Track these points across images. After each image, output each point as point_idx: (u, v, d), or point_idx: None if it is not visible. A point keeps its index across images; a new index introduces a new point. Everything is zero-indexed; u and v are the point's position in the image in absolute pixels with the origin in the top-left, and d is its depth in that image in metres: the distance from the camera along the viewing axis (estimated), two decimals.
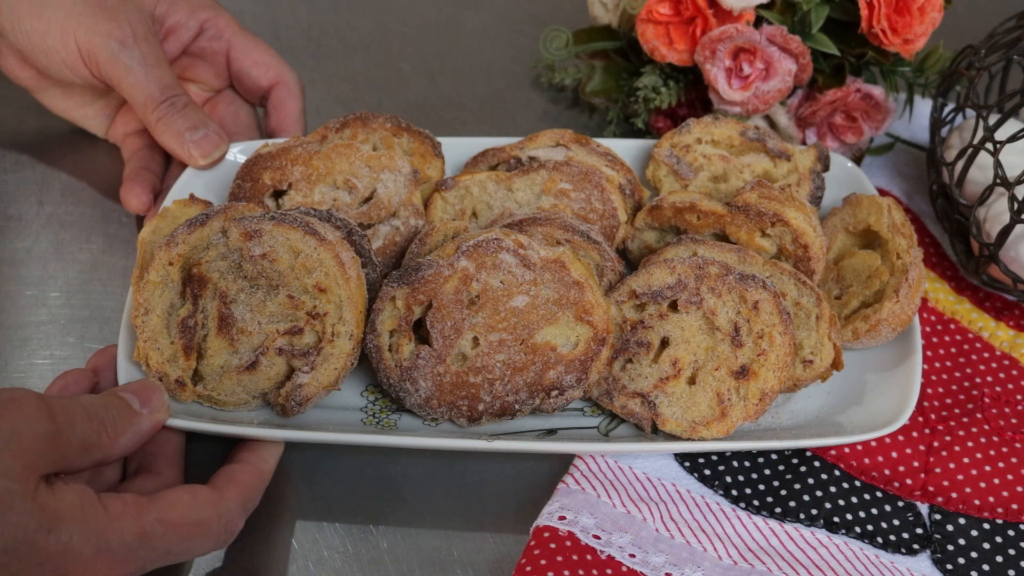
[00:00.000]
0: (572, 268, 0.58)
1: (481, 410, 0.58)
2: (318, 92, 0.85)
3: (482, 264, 0.58)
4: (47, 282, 0.70)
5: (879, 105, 0.74)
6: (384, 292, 0.59)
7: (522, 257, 0.58)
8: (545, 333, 0.58)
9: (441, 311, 0.58)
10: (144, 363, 0.58)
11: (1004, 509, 0.59)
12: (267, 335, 0.58)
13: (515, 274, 0.58)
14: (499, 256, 0.58)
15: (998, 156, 0.63)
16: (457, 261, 0.58)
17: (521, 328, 0.57)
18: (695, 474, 0.60)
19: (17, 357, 0.66)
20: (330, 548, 0.57)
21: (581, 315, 0.58)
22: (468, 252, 0.58)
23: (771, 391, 0.58)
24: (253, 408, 0.60)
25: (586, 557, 0.55)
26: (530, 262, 0.58)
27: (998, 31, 0.71)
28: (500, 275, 0.58)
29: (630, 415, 0.60)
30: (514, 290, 0.58)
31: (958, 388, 0.65)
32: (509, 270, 0.58)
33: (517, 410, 0.58)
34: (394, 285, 0.59)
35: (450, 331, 0.58)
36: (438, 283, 0.58)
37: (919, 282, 0.63)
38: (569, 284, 0.58)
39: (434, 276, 0.58)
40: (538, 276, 0.58)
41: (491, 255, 0.58)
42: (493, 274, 0.58)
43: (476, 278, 0.58)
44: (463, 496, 0.60)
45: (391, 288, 0.59)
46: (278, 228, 0.58)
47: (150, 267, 0.59)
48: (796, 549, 0.57)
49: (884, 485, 0.60)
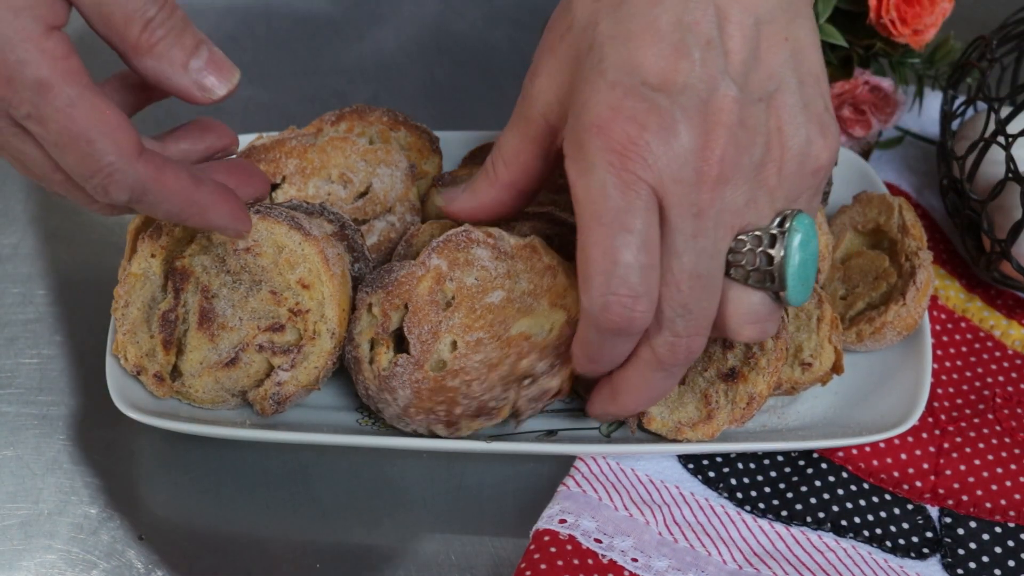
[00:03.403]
0: (544, 254, 0.57)
1: (458, 414, 0.56)
2: (313, 84, 0.85)
3: (455, 261, 0.56)
4: (34, 279, 0.70)
5: (888, 98, 0.73)
6: (360, 298, 0.58)
7: (493, 248, 0.56)
8: (520, 325, 0.56)
9: (417, 315, 0.56)
10: (123, 357, 0.58)
11: (1016, 512, 0.59)
12: (248, 331, 0.58)
13: (488, 269, 0.56)
14: (471, 251, 0.56)
15: (1010, 150, 0.62)
16: (429, 259, 0.56)
17: (498, 324, 0.55)
18: (699, 476, 0.59)
19: (4, 356, 0.65)
20: (325, 552, 0.57)
21: (556, 300, 0.56)
22: (439, 248, 0.56)
23: (759, 395, 0.58)
24: (232, 407, 0.59)
25: (587, 561, 0.54)
26: (503, 252, 0.56)
27: (1010, 21, 0.71)
28: (474, 272, 0.56)
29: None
30: (489, 286, 0.56)
31: (969, 388, 0.65)
32: (483, 265, 0.56)
33: (492, 408, 0.56)
34: (368, 290, 0.57)
35: (427, 336, 0.56)
36: (412, 284, 0.56)
37: (927, 286, 0.62)
38: (542, 270, 0.56)
39: (407, 277, 0.56)
40: (511, 267, 0.56)
41: (463, 250, 0.56)
42: (467, 271, 0.56)
43: (450, 276, 0.56)
44: (461, 498, 0.59)
45: (366, 294, 0.57)
46: (263, 222, 0.58)
47: (132, 259, 0.59)
48: (803, 553, 0.56)
49: (893, 487, 0.59)
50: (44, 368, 0.64)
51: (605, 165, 0.46)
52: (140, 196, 0.48)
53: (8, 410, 0.62)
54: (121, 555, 0.56)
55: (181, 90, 0.49)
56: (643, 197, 0.46)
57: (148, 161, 0.48)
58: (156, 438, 0.61)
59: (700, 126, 0.47)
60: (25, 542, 0.57)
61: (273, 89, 0.84)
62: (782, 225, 0.49)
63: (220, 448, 0.60)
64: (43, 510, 0.58)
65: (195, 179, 0.50)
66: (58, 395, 0.63)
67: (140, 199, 0.49)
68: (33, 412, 0.62)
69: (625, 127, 0.46)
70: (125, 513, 0.58)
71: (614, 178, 0.46)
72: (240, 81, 0.51)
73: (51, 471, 0.59)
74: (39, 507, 0.58)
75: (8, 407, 0.62)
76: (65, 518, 0.58)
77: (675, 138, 0.46)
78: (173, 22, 0.48)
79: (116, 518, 0.58)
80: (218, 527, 0.58)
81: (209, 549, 0.57)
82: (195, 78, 0.49)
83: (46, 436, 0.61)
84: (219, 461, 0.60)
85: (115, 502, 0.58)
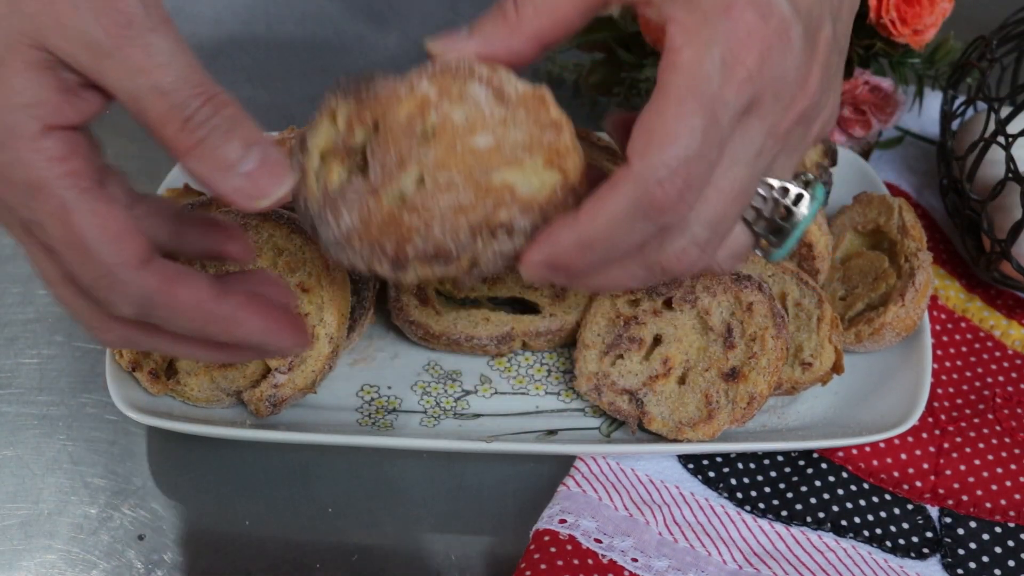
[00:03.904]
0: (552, 108, 0.49)
1: (409, 254, 0.47)
2: (312, 84, 0.84)
3: (446, 92, 0.48)
4: (34, 279, 0.69)
5: (888, 98, 0.73)
6: (325, 103, 0.49)
7: (495, 90, 0.48)
8: (504, 174, 0.48)
9: (386, 137, 0.47)
10: (118, 354, 0.58)
11: (1016, 512, 0.59)
12: None
13: (483, 110, 0.48)
14: (468, 86, 0.48)
15: (1010, 150, 0.62)
16: (419, 82, 0.48)
17: (478, 171, 0.47)
18: (699, 476, 0.59)
19: (3, 356, 0.65)
20: (325, 552, 0.57)
21: (553, 159, 0.48)
22: (433, 75, 0.48)
23: (760, 395, 0.58)
24: (226, 406, 0.59)
25: (587, 561, 0.54)
26: (505, 96, 0.48)
27: (1010, 21, 0.71)
28: (465, 109, 0.47)
29: (617, 412, 0.60)
30: (478, 127, 0.47)
31: (969, 388, 0.65)
32: (477, 105, 0.48)
33: (452, 254, 0.47)
34: (338, 96, 0.49)
35: (393, 164, 0.47)
36: (391, 104, 0.48)
37: (926, 287, 0.62)
38: (545, 124, 0.48)
39: (388, 95, 0.48)
40: (510, 115, 0.48)
41: (459, 83, 0.48)
42: (457, 106, 0.47)
43: (436, 107, 0.48)
44: (461, 498, 0.59)
45: (334, 99, 0.49)
46: (263, 224, 0.57)
47: None
48: (803, 553, 0.56)
49: (893, 487, 0.59)
50: (44, 368, 0.64)
51: (724, 49, 0.43)
52: (148, 310, 0.44)
53: (8, 410, 0.62)
54: (121, 555, 0.56)
55: (224, 196, 0.44)
56: (744, 98, 0.43)
57: (156, 271, 0.43)
58: (156, 438, 0.61)
59: (807, 54, 0.45)
60: (25, 542, 0.56)
61: (273, 89, 0.84)
62: (806, 186, 0.48)
63: (220, 448, 0.60)
64: (43, 510, 0.58)
65: (218, 291, 0.45)
66: (58, 395, 0.63)
67: (149, 313, 0.44)
68: (33, 412, 0.62)
69: (755, 22, 0.43)
70: (125, 513, 0.58)
71: (728, 67, 0.43)
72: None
73: (51, 471, 0.59)
74: (39, 507, 0.58)
75: (8, 407, 0.62)
76: (65, 518, 0.57)
77: (791, 56, 0.44)
78: (218, 120, 0.42)
79: (116, 518, 0.58)
80: (218, 527, 0.58)
81: (209, 549, 0.57)
82: (239, 184, 0.43)
83: (46, 436, 0.61)
84: (219, 461, 0.59)
85: (115, 502, 0.58)
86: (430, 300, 0.63)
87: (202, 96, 0.42)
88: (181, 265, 0.44)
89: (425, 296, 0.64)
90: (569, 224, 0.45)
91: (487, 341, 0.63)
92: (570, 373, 0.64)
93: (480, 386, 0.63)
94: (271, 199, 0.44)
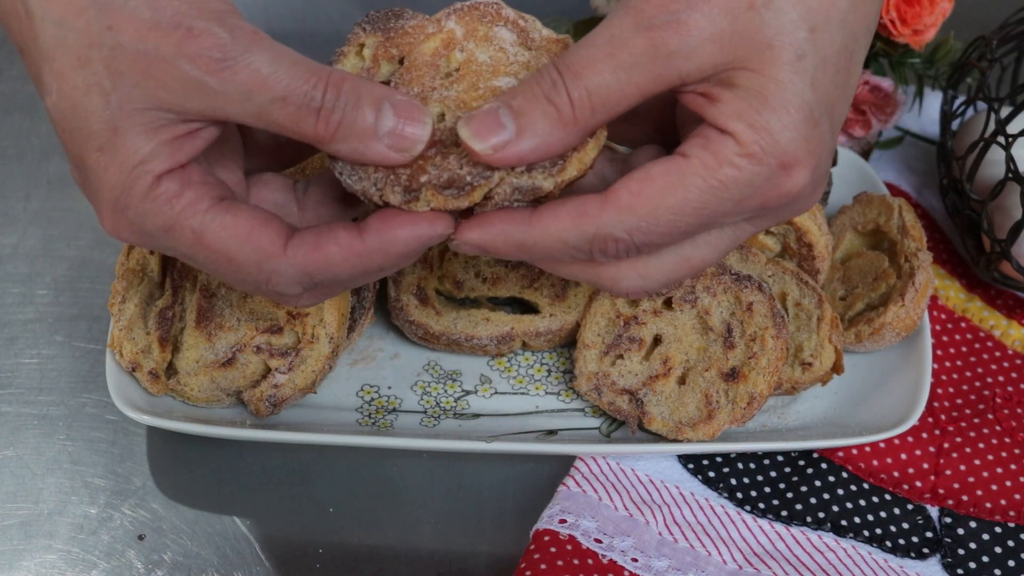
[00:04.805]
0: None
1: (423, 182, 0.46)
2: None
3: (473, 32, 0.50)
4: (34, 279, 0.69)
5: (888, 98, 0.73)
6: (352, 36, 0.50)
7: (521, 32, 0.50)
8: None
9: (411, 73, 0.49)
10: (118, 352, 0.58)
11: (1016, 512, 0.59)
12: (246, 332, 0.58)
13: (507, 51, 0.49)
14: (494, 28, 0.50)
15: (1010, 150, 0.62)
16: (446, 20, 0.50)
17: None
18: (699, 476, 0.59)
19: (3, 356, 0.65)
20: (325, 552, 0.57)
21: None
22: (460, 13, 0.50)
23: (760, 395, 0.58)
24: (226, 406, 0.59)
25: (587, 561, 0.54)
26: (530, 40, 0.50)
27: (1010, 21, 0.71)
28: (490, 50, 0.49)
29: (617, 412, 0.60)
30: (501, 69, 0.49)
31: (969, 388, 0.65)
32: (501, 46, 0.49)
33: (468, 183, 0.46)
34: (367, 29, 0.50)
35: (414, 99, 0.47)
36: (417, 39, 0.50)
37: (926, 287, 0.62)
38: None
39: (414, 30, 0.50)
40: (534, 59, 0.49)
41: (485, 24, 0.50)
42: (483, 46, 0.49)
43: (462, 46, 0.50)
44: (461, 499, 0.59)
45: (362, 32, 0.50)
46: None
47: (130, 253, 0.59)
48: (803, 553, 0.56)
49: (893, 487, 0.59)
50: (44, 368, 0.64)
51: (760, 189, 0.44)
52: (313, 283, 0.46)
53: (8, 410, 0.62)
54: (121, 555, 0.56)
55: (380, 161, 0.45)
56: (742, 218, 0.45)
57: (299, 246, 0.45)
58: (156, 438, 0.61)
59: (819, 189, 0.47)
60: (25, 542, 0.56)
61: None
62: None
63: (220, 448, 0.60)
64: (43, 510, 0.58)
65: (357, 232, 0.45)
66: (58, 395, 0.63)
67: (316, 285, 0.46)
68: (33, 412, 0.62)
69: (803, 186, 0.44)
70: (125, 513, 0.58)
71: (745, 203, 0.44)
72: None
73: (51, 471, 0.59)
74: (39, 507, 0.58)
75: (8, 407, 0.62)
76: (65, 518, 0.57)
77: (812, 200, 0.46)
78: (343, 98, 0.43)
79: (116, 518, 0.58)
80: (218, 527, 0.58)
81: (209, 549, 0.57)
82: (389, 143, 0.44)
83: (46, 436, 0.61)
84: (219, 461, 0.59)
85: (115, 502, 0.58)
86: (430, 300, 0.63)
87: (319, 84, 0.43)
88: (315, 228, 0.45)
89: (425, 296, 0.63)
90: (519, 224, 0.45)
91: (487, 341, 0.63)
92: (570, 373, 0.64)
93: (480, 386, 0.63)
94: (422, 141, 0.45)
